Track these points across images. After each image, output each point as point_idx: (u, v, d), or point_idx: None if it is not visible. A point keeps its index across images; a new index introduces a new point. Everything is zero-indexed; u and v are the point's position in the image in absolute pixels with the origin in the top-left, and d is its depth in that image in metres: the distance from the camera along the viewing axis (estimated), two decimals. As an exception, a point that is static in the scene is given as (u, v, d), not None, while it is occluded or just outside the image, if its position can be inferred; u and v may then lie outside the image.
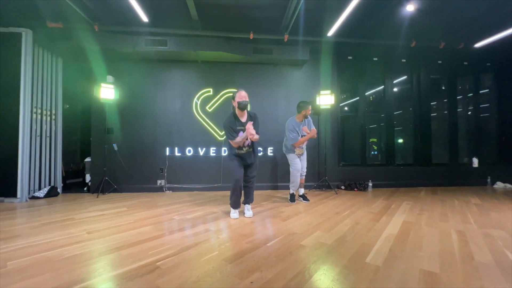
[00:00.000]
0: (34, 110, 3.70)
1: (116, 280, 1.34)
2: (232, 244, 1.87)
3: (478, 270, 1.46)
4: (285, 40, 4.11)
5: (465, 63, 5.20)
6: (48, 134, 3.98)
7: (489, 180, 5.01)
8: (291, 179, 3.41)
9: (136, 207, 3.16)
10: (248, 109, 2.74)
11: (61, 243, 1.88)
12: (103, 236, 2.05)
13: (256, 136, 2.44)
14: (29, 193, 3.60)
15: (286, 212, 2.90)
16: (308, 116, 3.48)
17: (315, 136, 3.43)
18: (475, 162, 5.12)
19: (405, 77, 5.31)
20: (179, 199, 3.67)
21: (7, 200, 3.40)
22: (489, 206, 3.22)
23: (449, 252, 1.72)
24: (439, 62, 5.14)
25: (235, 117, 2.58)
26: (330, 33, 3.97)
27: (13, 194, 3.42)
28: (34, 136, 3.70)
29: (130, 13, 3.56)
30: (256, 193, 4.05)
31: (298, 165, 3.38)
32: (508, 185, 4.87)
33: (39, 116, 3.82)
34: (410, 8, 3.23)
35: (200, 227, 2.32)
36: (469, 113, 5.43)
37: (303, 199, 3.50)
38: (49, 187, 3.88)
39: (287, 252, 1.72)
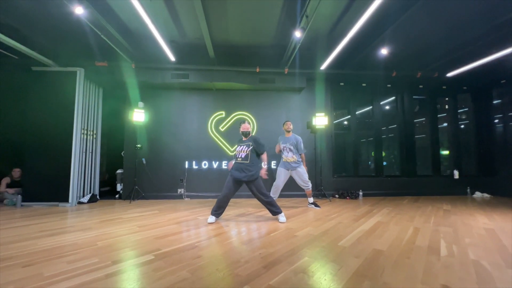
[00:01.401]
0: (82, 131, 4.57)
1: (173, 252, 2.09)
2: (245, 234, 2.61)
3: (412, 250, 2.15)
4: (286, 72, 4.97)
5: (444, 87, 5.96)
6: (90, 150, 4.84)
7: (468, 190, 5.63)
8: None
9: (165, 210, 3.93)
10: (252, 134, 3.43)
11: (124, 233, 2.65)
12: (150, 229, 2.81)
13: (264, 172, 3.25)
14: (76, 199, 4.41)
15: (286, 214, 3.62)
16: (289, 132, 4.23)
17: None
18: (456, 174, 5.75)
19: (392, 98, 6.08)
20: (198, 205, 4.42)
21: (61, 204, 4.21)
22: (455, 211, 3.87)
23: (399, 239, 2.41)
24: (421, 86, 5.91)
25: (241, 139, 3.39)
26: (323, 67, 4.81)
27: (66, 199, 4.23)
28: (81, 152, 4.55)
29: (161, 54, 4.48)
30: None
31: None
32: (486, 195, 5.48)
33: (84, 136, 4.69)
34: (384, 51, 4.04)
35: (218, 223, 3.06)
36: (450, 129, 6.11)
37: (315, 206, 4.14)
38: (90, 194, 4.69)
39: (285, 238, 2.44)
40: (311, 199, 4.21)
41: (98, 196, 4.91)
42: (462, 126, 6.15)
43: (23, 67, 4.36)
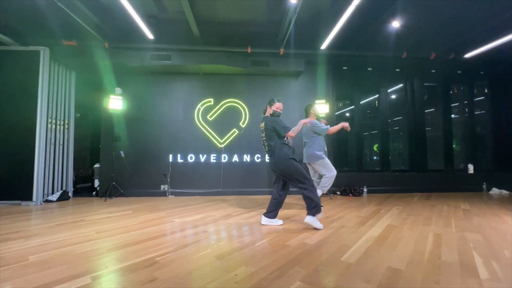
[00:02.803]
0: (50, 120, 4.03)
1: (121, 271, 1.57)
2: (223, 244, 2.08)
3: (440, 268, 1.62)
4: (281, 53, 4.38)
5: (459, 71, 5.35)
6: (61, 142, 4.30)
7: (484, 186, 5.08)
8: (328, 182, 3.36)
9: (140, 210, 3.41)
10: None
11: (74, 241, 2.13)
12: (110, 235, 2.29)
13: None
14: (43, 197, 3.90)
15: (280, 215, 3.09)
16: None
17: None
18: (471, 168, 5.20)
19: (400, 85, 5.49)
20: (181, 203, 3.91)
21: (24, 203, 3.70)
22: (476, 211, 3.34)
23: (420, 252, 1.88)
24: (433, 71, 5.30)
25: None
26: (323, 46, 4.21)
27: (29, 197, 3.72)
28: (48, 144, 4.02)
29: (137, 31, 3.89)
30: (253, 198, 4.28)
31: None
32: (504, 191, 4.93)
33: (53, 126, 4.15)
34: (396, 24, 3.44)
35: (198, 228, 2.54)
36: (465, 120, 5.54)
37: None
38: (61, 191, 4.18)
39: (273, 250, 1.92)
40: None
41: (70, 194, 4.40)
42: (478, 116, 5.55)
43: (-23, 46, 3.80)
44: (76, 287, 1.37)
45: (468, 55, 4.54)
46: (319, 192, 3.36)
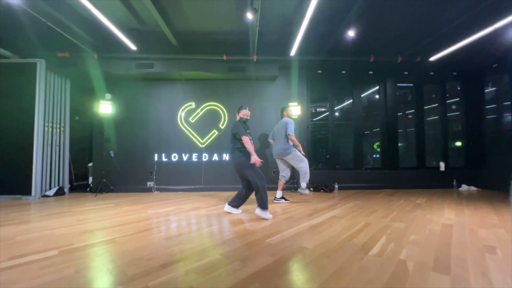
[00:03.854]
0: (46, 124, 4.52)
1: (83, 248, 1.98)
2: (178, 229, 2.48)
3: (342, 247, 1.96)
4: (254, 60, 4.72)
5: (431, 73, 5.55)
6: (57, 143, 4.79)
7: (455, 183, 5.30)
8: (307, 172, 3.74)
9: (123, 203, 3.85)
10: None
11: (55, 226, 2.56)
12: (87, 223, 2.72)
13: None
14: (41, 192, 4.40)
15: (243, 207, 3.46)
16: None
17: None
18: (442, 166, 5.42)
19: (375, 88, 5.74)
20: (162, 198, 4.33)
21: (24, 197, 4.21)
22: (426, 205, 3.62)
23: (337, 237, 2.21)
24: (405, 73, 5.53)
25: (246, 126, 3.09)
26: (292, 53, 4.53)
27: (28, 192, 4.22)
28: (46, 145, 4.51)
29: (122, 42, 4.32)
30: (231, 193, 4.64)
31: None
32: (472, 188, 5.15)
33: (50, 129, 4.63)
34: (351, 33, 3.73)
35: (164, 218, 2.94)
36: (438, 119, 5.74)
37: (285, 200, 3.90)
38: (58, 187, 4.67)
39: (213, 234, 2.30)
40: (280, 193, 3.97)
41: (66, 189, 4.89)
42: (451, 116, 5.75)
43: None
44: (44, 256, 1.79)
45: (433, 58, 4.76)
46: (303, 185, 3.80)
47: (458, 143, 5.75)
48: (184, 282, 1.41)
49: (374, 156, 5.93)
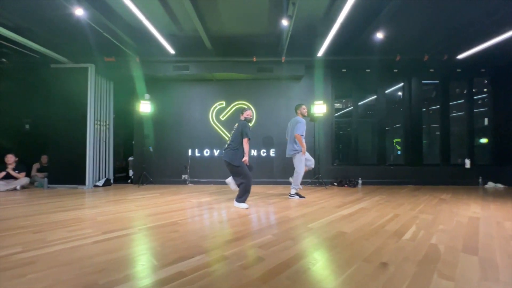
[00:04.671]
0: (96, 122, 5.06)
1: (155, 227, 2.38)
2: (227, 215, 2.85)
3: (377, 232, 2.23)
4: (283, 61, 4.98)
5: (458, 70, 5.54)
6: (104, 139, 5.35)
7: (480, 180, 5.32)
8: (298, 180, 3.78)
9: (166, 193, 4.30)
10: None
11: (122, 210, 3.02)
12: (145, 208, 3.16)
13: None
14: (93, 182, 4.96)
15: (274, 199, 3.80)
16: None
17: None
18: (467, 163, 5.45)
19: (399, 85, 5.81)
20: (197, 190, 4.75)
21: (79, 187, 4.79)
22: (452, 200, 3.76)
23: (370, 224, 2.48)
24: (431, 70, 5.56)
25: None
26: (320, 53, 4.74)
27: (83, 183, 4.79)
28: (96, 141, 5.06)
29: (162, 47, 4.72)
30: (257, 187, 4.97)
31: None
32: (499, 185, 5.16)
33: (98, 126, 5.18)
34: (380, 35, 3.88)
35: (208, 205, 3.33)
36: (464, 116, 5.73)
37: (299, 197, 3.90)
38: (105, 178, 5.24)
39: (258, 220, 2.64)
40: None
41: (112, 181, 5.46)
42: (478, 112, 5.72)
43: (43, 65, 4.88)
44: (128, 232, 2.21)
45: (460, 56, 4.79)
46: (293, 191, 3.83)
47: (484, 140, 5.73)
48: (252, 253, 1.76)
49: (398, 153, 6.04)
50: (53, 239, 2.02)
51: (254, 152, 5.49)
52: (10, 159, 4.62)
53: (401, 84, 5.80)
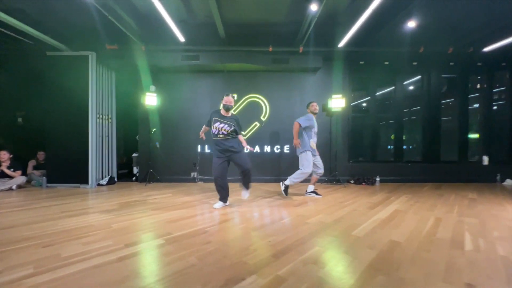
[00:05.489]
0: (98, 115, 4.66)
1: (184, 236, 2.10)
2: (255, 221, 2.58)
3: (432, 242, 2.02)
4: (300, 51, 4.66)
5: (479, 63, 5.34)
6: (106, 135, 4.96)
7: (498, 177, 5.22)
8: (299, 177, 3.59)
9: (178, 193, 4.01)
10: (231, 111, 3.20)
11: (139, 215, 2.72)
12: (163, 212, 2.87)
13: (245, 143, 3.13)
14: (95, 181, 4.61)
15: (297, 200, 3.55)
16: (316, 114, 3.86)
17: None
18: (485, 160, 5.33)
19: (417, 77, 5.59)
20: (210, 188, 4.46)
21: (82, 186, 4.43)
22: (482, 200, 3.61)
23: (418, 231, 2.27)
24: (451, 63, 5.34)
25: (218, 112, 3.14)
26: (341, 44, 4.44)
27: (86, 181, 4.43)
28: (98, 136, 4.68)
29: (170, 35, 4.33)
30: (273, 185, 4.74)
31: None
32: (518, 182, 5.06)
33: (100, 120, 4.78)
34: (411, 24, 3.61)
35: (231, 209, 3.06)
36: (482, 111, 5.57)
37: (316, 194, 3.81)
38: (109, 176, 4.88)
39: (295, 226, 2.39)
40: (312, 187, 3.89)
41: (116, 179, 5.11)
42: (496, 107, 5.57)
43: (38, 52, 4.42)
44: (156, 244, 1.92)
45: (487, 49, 4.57)
46: (288, 181, 3.65)
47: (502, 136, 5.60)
48: (310, 272, 1.50)
49: (389, 147, 5.82)
50: (68, 255, 1.72)
51: (267, 148, 5.22)
52: (4, 156, 4.21)
53: (420, 78, 5.57)
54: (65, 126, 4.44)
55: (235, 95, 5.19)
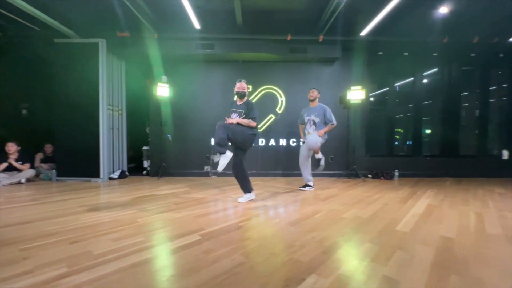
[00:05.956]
0: (108, 107, 4.47)
1: (219, 231, 1.96)
2: (287, 215, 2.44)
3: (488, 239, 1.89)
4: (320, 40, 4.47)
5: (501, 55, 5.18)
6: (117, 127, 4.78)
7: (518, 172, 5.11)
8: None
9: (194, 187, 3.86)
10: (246, 98, 3.06)
11: (163, 210, 2.56)
12: (186, 206, 2.72)
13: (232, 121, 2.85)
14: (107, 175, 4.44)
15: (322, 194, 3.42)
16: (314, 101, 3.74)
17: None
18: (505, 154, 5.21)
19: (435, 69, 5.42)
20: (225, 183, 4.32)
21: (93, 180, 4.26)
22: (512, 195, 3.49)
23: (465, 226, 2.14)
24: (473, 55, 5.17)
25: (234, 102, 3.06)
26: (363, 33, 4.25)
27: (97, 175, 4.27)
28: (109, 128, 4.49)
29: (185, 22, 4.13)
30: (290, 179, 4.60)
31: None
32: (538, 177, 4.95)
33: (111, 112, 4.59)
34: (443, 10, 3.43)
35: (256, 203, 2.92)
36: (502, 105, 5.43)
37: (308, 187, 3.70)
38: (120, 170, 4.72)
39: (332, 221, 2.25)
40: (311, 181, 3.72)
41: (127, 172, 4.94)
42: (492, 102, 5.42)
43: (45, 40, 4.20)
44: (192, 241, 1.78)
45: (513, 39, 4.42)
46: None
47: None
48: (375, 271, 1.37)
49: (396, 143, 5.68)
50: (101, 253, 1.57)
51: (282, 142, 5.06)
52: (12, 148, 4.02)
53: (436, 69, 5.41)
54: (74, 118, 4.25)
55: (250, 86, 5.00)
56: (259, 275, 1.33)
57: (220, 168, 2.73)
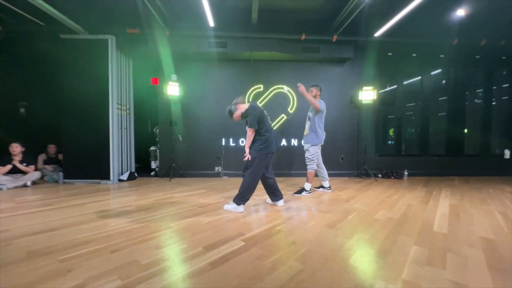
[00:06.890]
0: (117, 106, 4.31)
1: (261, 235, 1.91)
2: (321, 217, 2.42)
3: (525, 238, 1.93)
4: (334, 40, 4.46)
5: (503, 57, 5.34)
6: (125, 127, 4.62)
7: (519, 171, 5.30)
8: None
9: (209, 189, 3.77)
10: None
11: (191, 214, 2.48)
12: (213, 209, 2.65)
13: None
14: (117, 177, 4.29)
15: (342, 195, 3.42)
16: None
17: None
18: (507, 153, 5.39)
19: (440, 70, 5.53)
20: (238, 184, 4.25)
21: (103, 182, 4.11)
22: (523, 193, 3.61)
23: (498, 226, 2.18)
24: (477, 57, 5.31)
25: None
26: (378, 33, 4.27)
27: (107, 177, 4.11)
28: (118, 128, 4.33)
29: (197, 19, 4.03)
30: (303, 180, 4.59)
31: None
32: (538, 176, 5.15)
33: (118, 111, 4.43)
34: (460, 13, 3.48)
35: (279, 206, 2.88)
36: (503, 105, 5.60)
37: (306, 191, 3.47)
38: (129, 172, 4.57)
39: (367, 223, 2.24)
40: (308, 185, 3.46)
41: (136, 174, 4.79)
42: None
43: (51, 35, 4.00)
44: (238, 246, 1.72)
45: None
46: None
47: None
48: (433, 277, 1.36)
49: (390, 142, 5.75)
50: (148, 262, 1.49)
51: (294, 142, 5.04)
52: (16, 149, 3.81)
53: (441, 70, 5.51)
54: (82, 118, 4.07)
55: (262, 86, 4.95)
56: (325, 282, 1.29)
57: None
